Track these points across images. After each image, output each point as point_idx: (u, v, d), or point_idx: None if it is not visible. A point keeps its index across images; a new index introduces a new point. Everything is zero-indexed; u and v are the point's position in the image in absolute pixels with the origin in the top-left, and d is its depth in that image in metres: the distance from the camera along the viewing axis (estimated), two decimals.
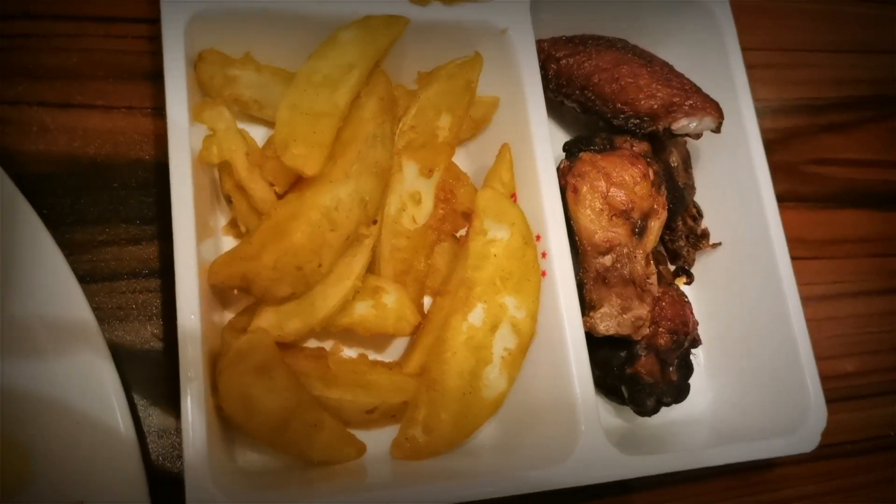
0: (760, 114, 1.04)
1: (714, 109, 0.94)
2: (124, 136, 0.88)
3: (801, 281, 0.99)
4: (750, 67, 1.05)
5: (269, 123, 0.91)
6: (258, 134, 0.91)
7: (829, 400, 0.96)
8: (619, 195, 0.87)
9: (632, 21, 1.04)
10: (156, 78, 0.90)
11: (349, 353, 0.88)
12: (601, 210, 0.87)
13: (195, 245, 0.74)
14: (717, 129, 0.95)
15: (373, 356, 0.89)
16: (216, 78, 0.83)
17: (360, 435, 0.84)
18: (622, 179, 0.87)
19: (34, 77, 0.86)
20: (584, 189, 0.87)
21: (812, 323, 0.98)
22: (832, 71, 1.30)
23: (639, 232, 0.88)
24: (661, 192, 0.90)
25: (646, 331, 0.87)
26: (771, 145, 1.04)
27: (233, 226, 0.87)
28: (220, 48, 0.85)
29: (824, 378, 0.96)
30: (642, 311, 0.86)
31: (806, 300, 0.99)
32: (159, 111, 0.89)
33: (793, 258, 0.99)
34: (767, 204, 1.00)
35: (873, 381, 1.17)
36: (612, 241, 0.87)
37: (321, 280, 0.77)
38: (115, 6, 0.91)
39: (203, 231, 0.78)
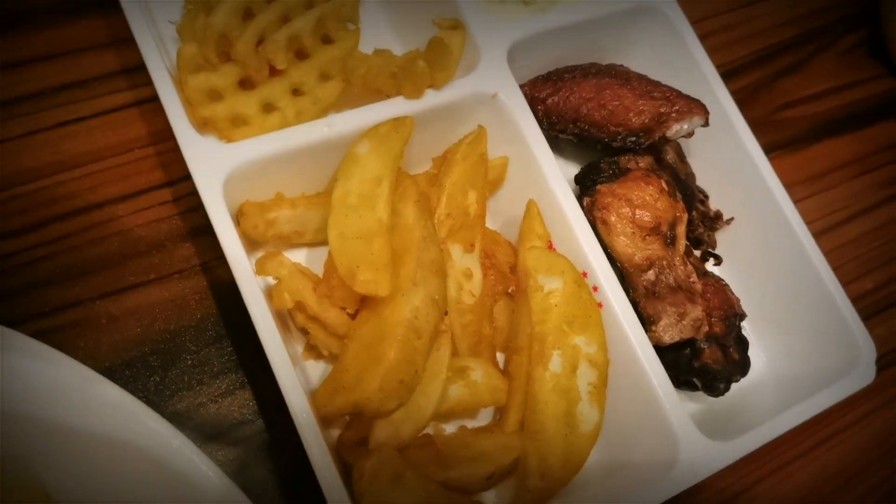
0: (722, 79, 1.12)
1: (699, 108, 1.01)
2: (184, 300, 0.92)
3: (804, 221, 1.08)
4: (700, 39, 1.13)
5: (309, 244, 0.96)
6: (301, 257, 0.96)
7: (863, 319, 1.05)
8: (645, 216, 0.94)
9: (594, 42, 1.11)
10: (194, 235, 0.95)
11: (450, 428, 0.94)
12: (633, 233, 0.94)
13: (297, 381, 0.80)
14: (706, 124, 1.02)
15: (470, 424, 0.95)
16: (259, 226, 0.88)
17: (482, 496, 0.91)
18: (643, 200, 0.95)
19: (86, 273, 0.90)
20: (613, 219, 0.94)
21: (826, 256, 1.07)
22: (771, 17, 1.39)
23: (670, 241, 0.96)
24: (677, 198, 0.97)
25: (706, 328, 0.94)
26: (739, 105, 1.12)
27: (309, 349, 0.92)
28: (252, 195, 0.90)
29: (852, 301, 1.05)
30: (697, 312, 0.94)
31: (814, 237, 1.07)
32: (206, 266, 0.94)
33: None
34: (763, 167, 1.09)
35: (892, 292, 1.27)
36: (650, 258, 0.95)
37: (419, 382, 0.83)
38: (132, 182, 0.95)
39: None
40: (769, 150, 1.22)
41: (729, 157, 1.11)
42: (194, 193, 0.94)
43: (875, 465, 1.15)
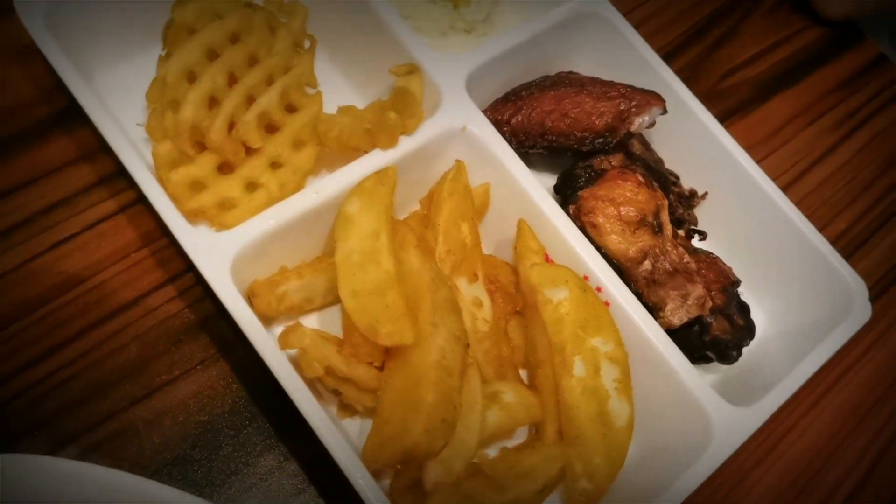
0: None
1: (655, 98, 1.06)
2: (212, 388, 0.94)
3: (770, 178, 1.13)
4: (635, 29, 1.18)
5: (319, 308, 0.99)
6: (313, 322, 0.99)
7: (845, 258, 1.11)
8: (629, 211, 0.99)
9: (541, 56, 1.15)
10: (207, 324, 0.97)
11: (492, 452, 0.97)
12: (622, 230, 0.98)
13: (344, 444, 0.82)
14: (665, 111, 1.07)
15: (509, 444, 0.98)
16: (271, 303, 0.91)
17: None
18: (625, 197, 0.99)
19: (113, 384, 0.91)
20: (600, 220, 0.98)
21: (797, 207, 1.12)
22: None
23: (658, 229, 1.00)
24: (654, 187, 1.02)
25: (710, 303, 0.99)
26: (685, 83, 1.17)
27: (343, 408, 0.95)
28: (257, 274, 0.92)
29: (831, 244, 1.11)
30: (698, 290, 0.98)
31: (783, 192, 1.13)
32: (225, 351, 0.96)
33: None
34: (722, 137, 1.14)
35: (866, 224, 1.34)
36: (643, 249, 0.99)
37: (459, 417, 0.86)
38: (135, 287, 0.96)
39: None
40: (722, 118, 1.28)
41: (688, 135, 1.16)
42: (197, 284, 0.98)
43: (889, 392, 1.20)
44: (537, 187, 1.00)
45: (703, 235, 1.14)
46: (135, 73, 1.06)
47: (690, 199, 1.14)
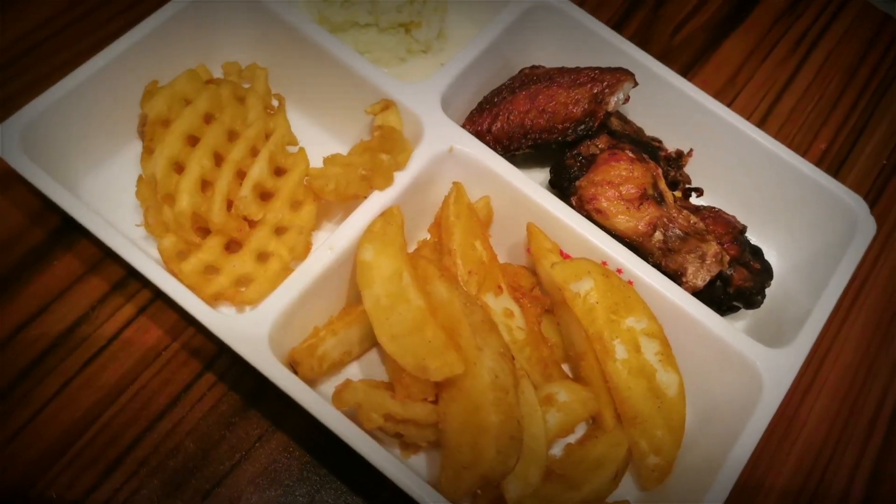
0: None
1: (624, 74, 1.08)
2: (278, 462, 0.95)
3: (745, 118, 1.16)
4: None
5: (357, 357, 1.00)
6: (355, 371, 1.00)
7: (834, 175, 1.14)
8: (630, 189, 1.00)
9: (503, 59, 1.17)
10: (253, 400, 0.98)
11: (556, 451, 0.99)
12: (627, 208, 1.00)
13: (424, 485, 0.83)
14: (636, 84, 1.09)
15: (570, 439, 1.00)
16: (314, 367, 0.92)
17: (614, 497, 0.97)
18: (621, 176, 1.01)
19: (180, 484, 0.92)
20: (604, 205, 1.00)
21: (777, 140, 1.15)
22: None
23: (660, 198, 1.02)
24: (645, 159, 1.04)
25: (727, 257, 1.01)
26: (642, 48, 1.19)
27: (406, 447, 0.96)
28: (292, 342, 0.93)
29: (817, 166, 1.14)
30: (713, 247, 1.00)
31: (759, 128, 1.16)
32: (278, 422, 0.97)
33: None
34: (690, 91, 1.16)
35: (844, 138, 1.37)
36: (651, 222, 1.01)
37: (524, 430, 0.87)
38: (175, 383, 0.97)
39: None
40: (684, 73, 1.31)
41: (658, 98, 1.18)
42: (234, 365, 0.98)
43: None
44: (535, 188, 1.02)
45: (699, 192, 1.16)
46: (116, 172, 1.07)
47: (678, 159, 1.16)
